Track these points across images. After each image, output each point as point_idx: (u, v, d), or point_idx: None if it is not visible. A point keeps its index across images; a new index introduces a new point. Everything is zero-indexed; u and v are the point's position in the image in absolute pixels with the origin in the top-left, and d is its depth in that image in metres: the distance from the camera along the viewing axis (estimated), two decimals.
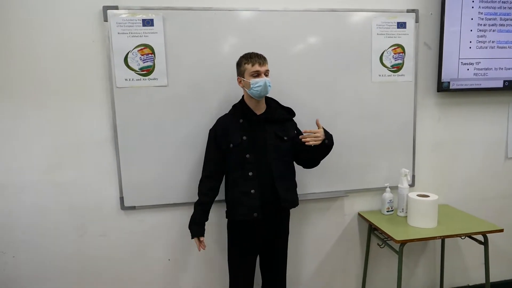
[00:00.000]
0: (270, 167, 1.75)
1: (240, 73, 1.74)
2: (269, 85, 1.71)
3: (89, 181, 1.98)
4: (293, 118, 1.89)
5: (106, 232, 2.04)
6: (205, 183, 1.82)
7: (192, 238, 1.80)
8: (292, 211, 1.92)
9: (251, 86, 1.69)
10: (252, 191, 1.73)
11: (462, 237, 2.03)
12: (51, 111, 1.90)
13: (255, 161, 1.74)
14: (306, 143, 1.66)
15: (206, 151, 1.84)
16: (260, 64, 1.69)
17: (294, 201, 1.85)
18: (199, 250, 1.82)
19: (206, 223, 1.82)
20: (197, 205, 1.82)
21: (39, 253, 1.99)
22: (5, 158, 1.89)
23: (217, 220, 2.07)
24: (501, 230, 1.98)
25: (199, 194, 1.82)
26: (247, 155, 1.73)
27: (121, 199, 2.00)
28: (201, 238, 1.80)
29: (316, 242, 2.30)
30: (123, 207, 2.01)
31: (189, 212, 1.83)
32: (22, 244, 1.97)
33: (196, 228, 1.80)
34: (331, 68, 2.12)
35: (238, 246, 1.85)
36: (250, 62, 1.69)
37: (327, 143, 1.70)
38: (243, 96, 1.82)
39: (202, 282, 2.19)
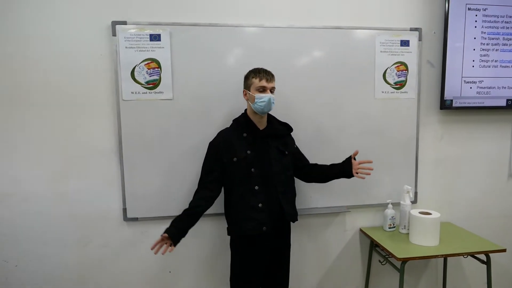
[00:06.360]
0: (274, 181, 1.77)
1: (247, 86, 1.76)
2: (273, 102, 1.73)
3: (93, 191, 2.00)
4: (291, 133, 1.92)
5: (108, 242, 2.05)
6: (199, 193, 1.76)
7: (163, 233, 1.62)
8: (294, 225, 1.92)
9: (256, 100, 1.71)
10: (260, 205, 1.74)
11: (465, 256, 2.02)
12: (57, 122, 1.93)
13: (260, 175, 1.75)
14: (359, 177, 1.84)
15: (204, 164, 1.80)
16: (267, 80, 1.71)
17: (296, 215, 1.87)
18: (152, 248, 1.60)
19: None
20: (183, 210, 1.71)
21: (42, 262, 2.00)
22: (10, 167, 1.92)
23: (218, 232, 2.08)
24: (504, 250, 1.97)
25: (190, 203, 1.73)
26: (253, 169, 1.74)
27: (124, 210, 2.01)
28: (165, 236, 1.59)
29: (318, 257, 2.30)
30: (125, 218, 2.02)
31: None
32: (25, 253, 1.98)
33: (172, 230, 1.63)
34: (335, 84, 2.14)
35: (245, 262, 1.80)
36: (257, 77, 1.72)
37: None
38: (245, 111, 1.84)
39: None
